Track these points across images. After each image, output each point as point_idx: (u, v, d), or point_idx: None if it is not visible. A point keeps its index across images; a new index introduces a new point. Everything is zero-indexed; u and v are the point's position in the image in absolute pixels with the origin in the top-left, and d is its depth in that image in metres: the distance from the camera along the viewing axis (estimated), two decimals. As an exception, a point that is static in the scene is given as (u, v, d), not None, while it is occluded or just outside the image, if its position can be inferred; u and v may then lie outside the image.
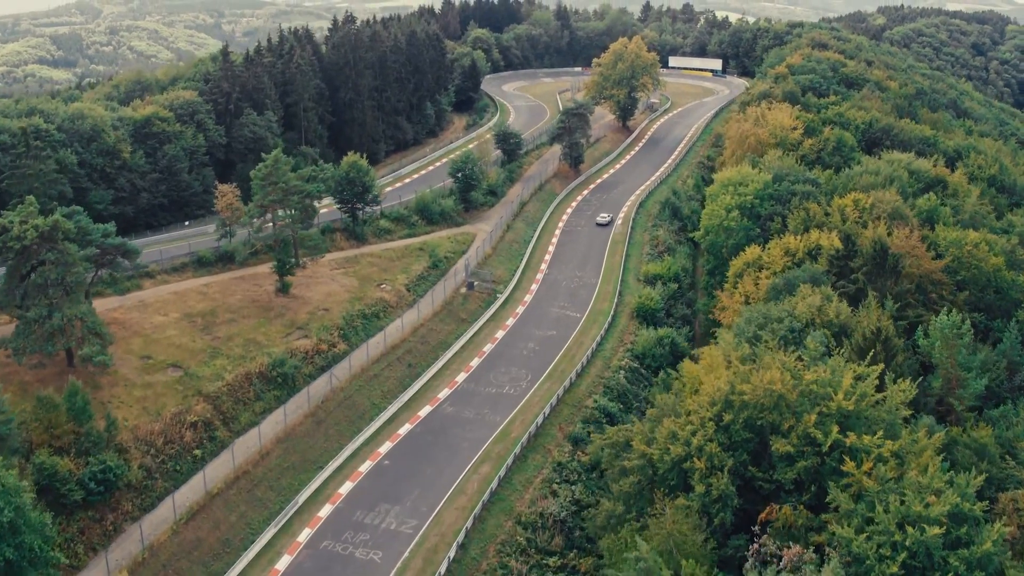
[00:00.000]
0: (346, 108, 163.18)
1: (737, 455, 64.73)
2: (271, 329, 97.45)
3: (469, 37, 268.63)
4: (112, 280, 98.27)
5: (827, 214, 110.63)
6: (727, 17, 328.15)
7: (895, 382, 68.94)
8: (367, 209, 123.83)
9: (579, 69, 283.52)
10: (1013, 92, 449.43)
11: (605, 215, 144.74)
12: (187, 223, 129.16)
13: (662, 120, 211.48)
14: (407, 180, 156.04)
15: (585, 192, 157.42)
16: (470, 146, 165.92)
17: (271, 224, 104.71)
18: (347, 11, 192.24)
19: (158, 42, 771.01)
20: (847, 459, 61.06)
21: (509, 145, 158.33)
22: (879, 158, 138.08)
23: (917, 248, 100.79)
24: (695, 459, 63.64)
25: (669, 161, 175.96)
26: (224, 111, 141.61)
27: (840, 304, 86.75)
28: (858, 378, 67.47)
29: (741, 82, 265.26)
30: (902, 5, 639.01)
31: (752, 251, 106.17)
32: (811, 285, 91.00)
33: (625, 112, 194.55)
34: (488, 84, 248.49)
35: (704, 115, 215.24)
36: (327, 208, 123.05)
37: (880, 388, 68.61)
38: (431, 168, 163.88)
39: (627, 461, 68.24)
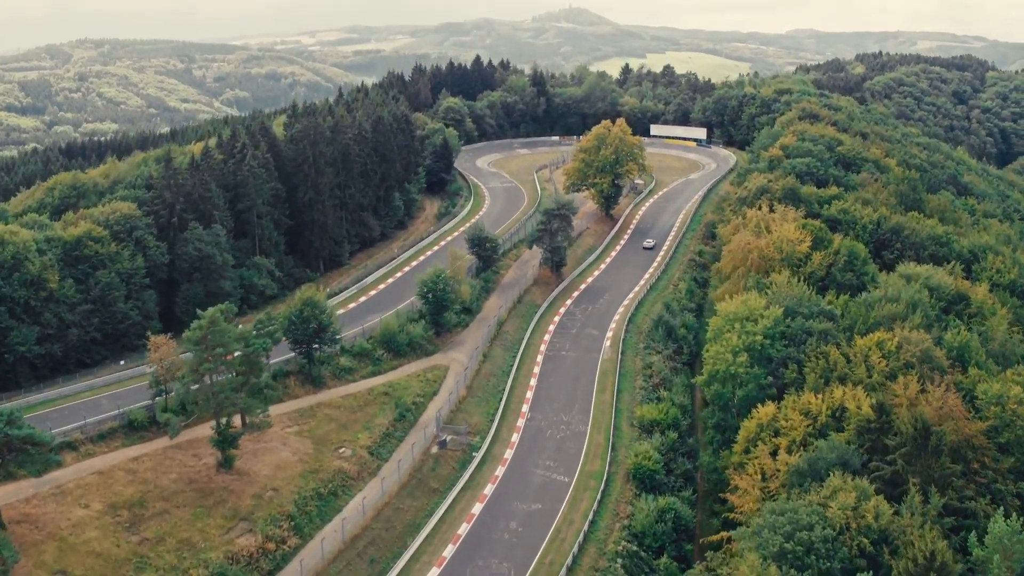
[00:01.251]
0: (305, 209, 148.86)
1: None
2: (210, 523, 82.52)
3: (441, 107, 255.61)
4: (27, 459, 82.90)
5: (849, 360, 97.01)
6: (710, 80, 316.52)
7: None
8: (325, 348, 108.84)
9: (556, 138, 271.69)
10: (996, 142, 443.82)
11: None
12: (122, 362, 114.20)
13: (648, 204, 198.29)
14: (372, 292, 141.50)
15: (568, 302, 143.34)
16: (445, 243, 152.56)
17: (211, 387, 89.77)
18: (306, 101, 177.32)
19: (128, 88, 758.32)
20: None
21: (485, 251, 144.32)
22: (894, 272, 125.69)
23: (956, 409, 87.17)
24: None
25: (658, 259, 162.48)
26: (167, 225, 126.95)
27: (879, 502, 73.03)
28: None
29: (727, 153, 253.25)
30: (880, 52, 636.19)
31: (766, 411, 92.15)
32: (841, 471, 77.26)
33: (609, 201, 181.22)
34: (462, 158, 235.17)
35: (692, 197, 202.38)
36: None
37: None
38: (400, 274, 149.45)
39: None
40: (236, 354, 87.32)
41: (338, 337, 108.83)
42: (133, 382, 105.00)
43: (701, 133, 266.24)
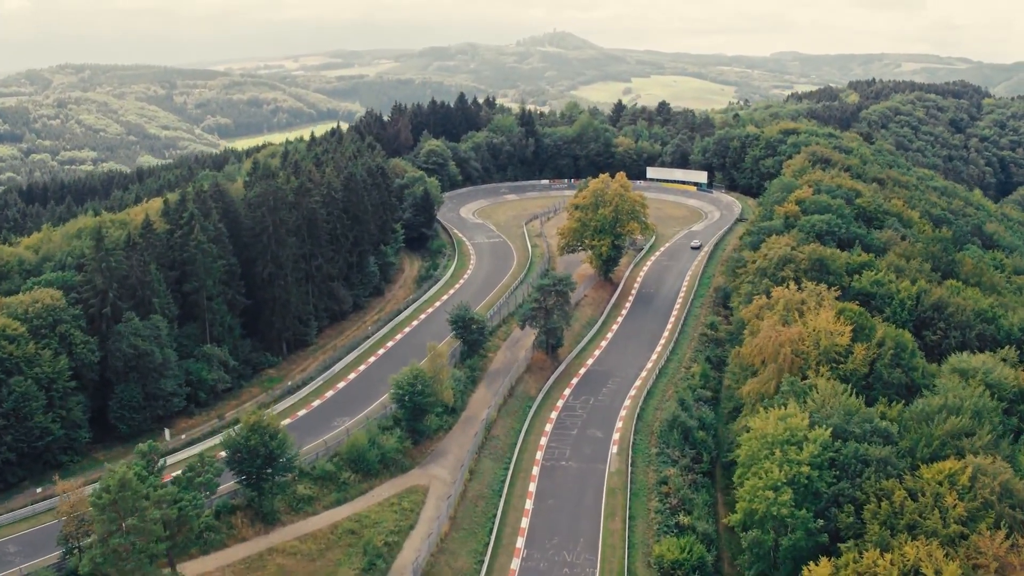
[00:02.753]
0: (265, 286, 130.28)
1: None
2: None
3: (422, 150, 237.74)
4: None
5: (915, 497, 79.12)
6: (707, 116, 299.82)
7: None
8: (278, 477, 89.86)
9: (547, 182, 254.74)
10: (995, 171, 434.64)
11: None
12: (39, 489, 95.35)
13: (649, 263, 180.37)
14: (341, 384, 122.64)
15: (567, 392, 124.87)
16: (426, 315, 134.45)
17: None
18: (267, 166, 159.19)
19: (108, 115, 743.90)
20: None
21: (470, 334, 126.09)
22: (944, 362, 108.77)
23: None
24: None
25: (666, 333, 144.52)
26: (98, 315, 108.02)
27: None
28: None
29: (730, 200, 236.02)
30: (873, 79, 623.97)
31: (821, 571, 74.11)
32: None
33: (608, 264, 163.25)
34: (445, 206, 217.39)
35: (697, 254, 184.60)
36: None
37: None
38: (373, 359, 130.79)
39: None
40: (154, 528, 68.31)
41: (294, 465, 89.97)
42: (50, 517, 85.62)
43: (701, 177, 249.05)
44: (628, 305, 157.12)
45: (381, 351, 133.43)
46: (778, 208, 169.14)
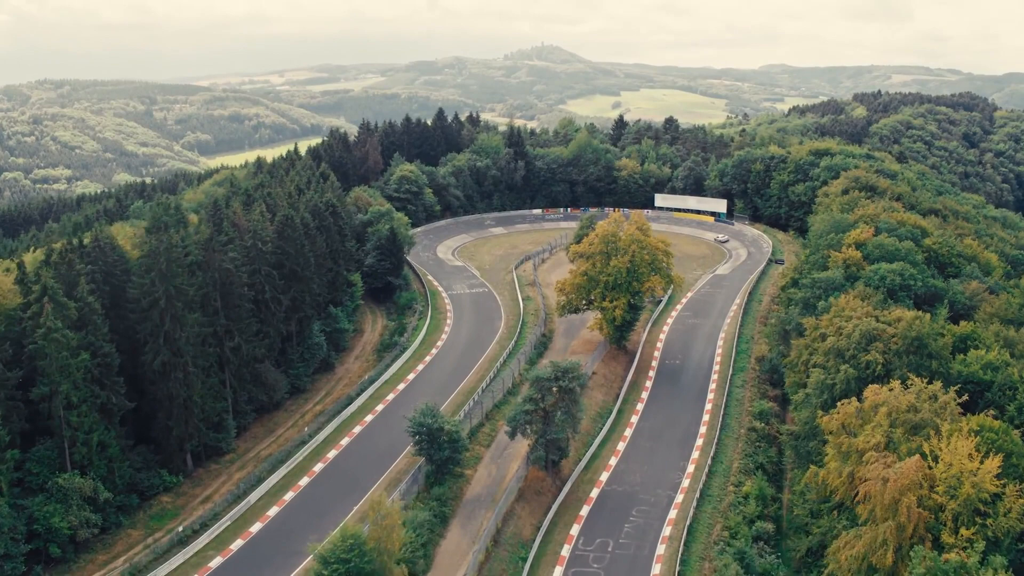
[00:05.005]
0: (157, 381, 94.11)
1: None
2: None
3: (393, 175, 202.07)
4: None
5: None
6: (722, 134, 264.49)
7: None
8: None
9: (539, 211, 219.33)
10: (1012, 188, 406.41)
11: None
12: None
13: (670, 322, 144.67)
14: (257, 526, 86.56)
15: (575, 532, 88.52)
16: (383, 407, 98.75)
17: None
18: (169, 201, 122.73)
19: (84, 132, 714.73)
20: None
21: (439, 450, 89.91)
22: None
23: None
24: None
25: (703, 428, 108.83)
26: None
27: None
28: None
29: (756, 233, 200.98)
30: (879, 92, 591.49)
31: None
32: None
33: (623, 331, 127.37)
34: (420, 242, 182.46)
35: (729, 308, 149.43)
36: None
37: None
38: (305, 482, 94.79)
39: None
40: None
41: None
42: None
43: (720, 206, 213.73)
44: (649, 384, 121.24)
45: (318, 466, 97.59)
46: (835, 254, 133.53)
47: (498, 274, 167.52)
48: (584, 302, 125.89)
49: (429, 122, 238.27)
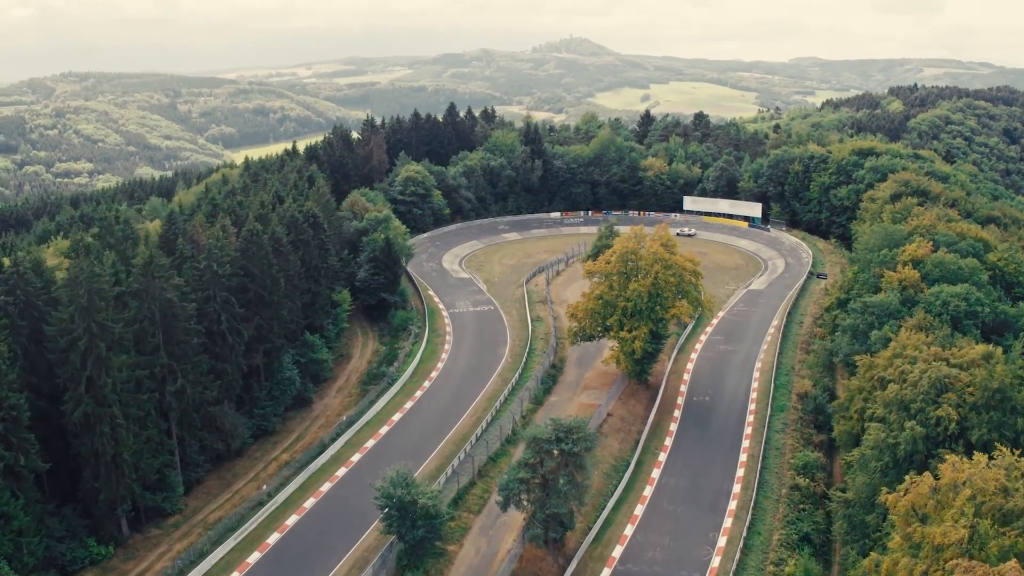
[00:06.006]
0: (80, 434, 78.09)
1: None
2: None
3: (398, 177, 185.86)
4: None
5: None
6: (756, 131, 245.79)
7: None
8: None
9: (558, 215, 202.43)
10: None
11: None
12: None
13: (699, 347, 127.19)
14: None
15: (580, 629, 72.02)
16: (359, 457, 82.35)
17: None
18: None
19: (108, 125, 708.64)
20: None
21: (413, 528, 72.98)
22: None
23: None
24: None
25: (737, 488, 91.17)
26: None
27: None
28: None
29: (794, 240, 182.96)
30: (915, 85, 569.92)
31: None
32: None
33: (644, 364, 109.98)
34: (425, 249, 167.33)
35: (765, 331, 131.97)
36: None
37: None
38: (255, 559, 78.36)
39: None
40: None
41: None
42: None
43: (755, 210, 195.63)
44: (674, 428, 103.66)
45: (273, 536, 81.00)
46: (888, 274, 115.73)
47: (507, 288, 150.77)
48: (599, 330, 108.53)
49: (440, 118, 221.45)
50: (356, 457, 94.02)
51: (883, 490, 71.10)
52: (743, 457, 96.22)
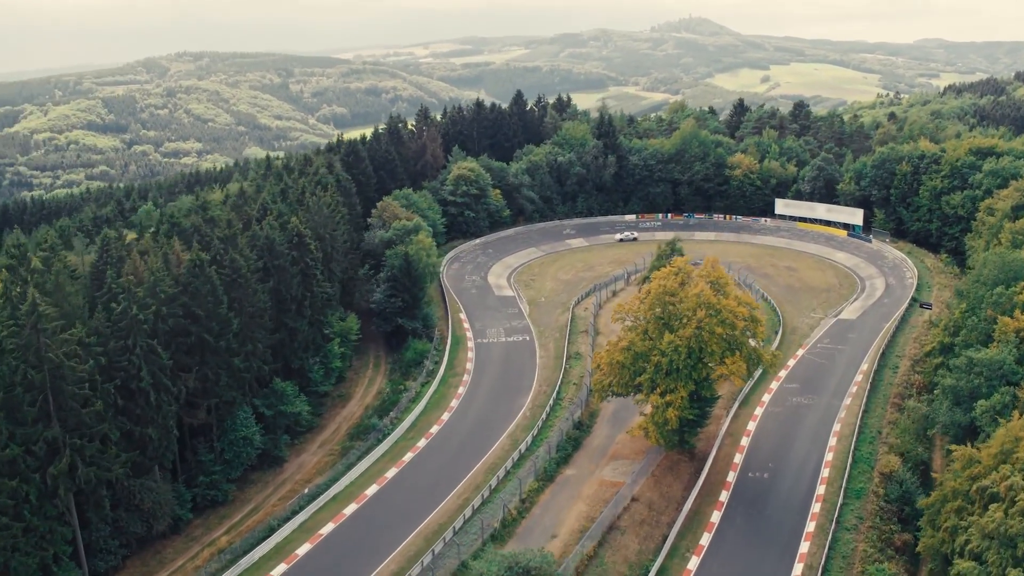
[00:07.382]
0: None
1: None
2: None
3: (449, 176, 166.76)
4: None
5: None
6: (862, 123, 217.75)
7: None
8: None
9: (633, 218, 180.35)
10: None
11: None
12: None
13: (766, 399, 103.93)
14: None
15: None
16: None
17: None
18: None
19: (218, 104, 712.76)
20: None
21: None
22: None
23: None
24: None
25: (783, 618, 69.24)
26: None
27: None
28: None
29: (899, 256, 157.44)
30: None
31: None
32: None
33: (684, 432, 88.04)
34: (470, 264, 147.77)
35: (851, 377, 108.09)
36: None
37: None
38: None
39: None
40: None
41: None
42: None
43: (856, 217, 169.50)
44: (716, 519, 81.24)
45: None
46: (1004, 320, 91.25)
47: (552, 312, 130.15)
48: (626, 387, 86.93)
49: (505, 108, 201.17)
50: (303, 549, 75.00)
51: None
52: (797, 570, 73.62)
